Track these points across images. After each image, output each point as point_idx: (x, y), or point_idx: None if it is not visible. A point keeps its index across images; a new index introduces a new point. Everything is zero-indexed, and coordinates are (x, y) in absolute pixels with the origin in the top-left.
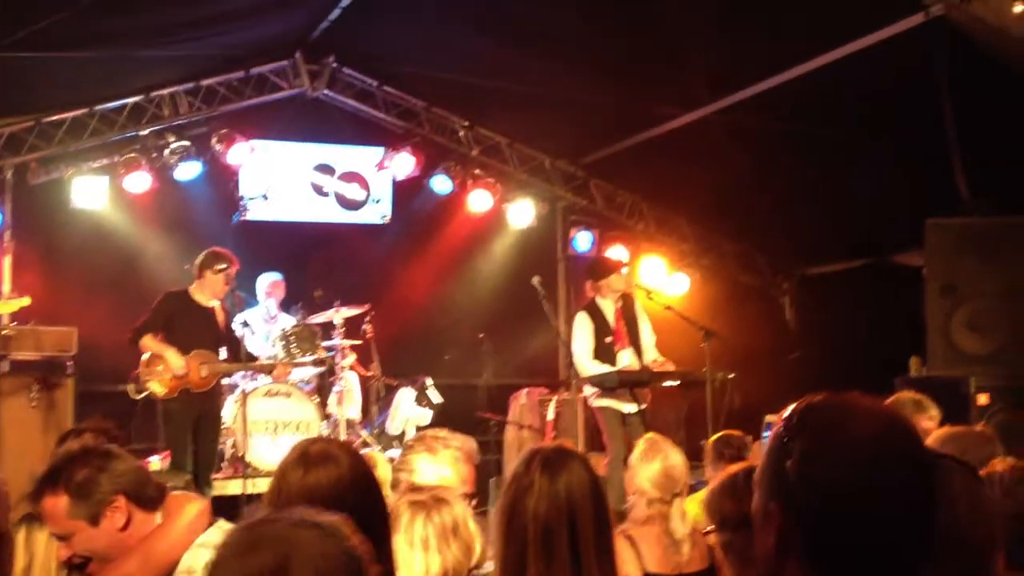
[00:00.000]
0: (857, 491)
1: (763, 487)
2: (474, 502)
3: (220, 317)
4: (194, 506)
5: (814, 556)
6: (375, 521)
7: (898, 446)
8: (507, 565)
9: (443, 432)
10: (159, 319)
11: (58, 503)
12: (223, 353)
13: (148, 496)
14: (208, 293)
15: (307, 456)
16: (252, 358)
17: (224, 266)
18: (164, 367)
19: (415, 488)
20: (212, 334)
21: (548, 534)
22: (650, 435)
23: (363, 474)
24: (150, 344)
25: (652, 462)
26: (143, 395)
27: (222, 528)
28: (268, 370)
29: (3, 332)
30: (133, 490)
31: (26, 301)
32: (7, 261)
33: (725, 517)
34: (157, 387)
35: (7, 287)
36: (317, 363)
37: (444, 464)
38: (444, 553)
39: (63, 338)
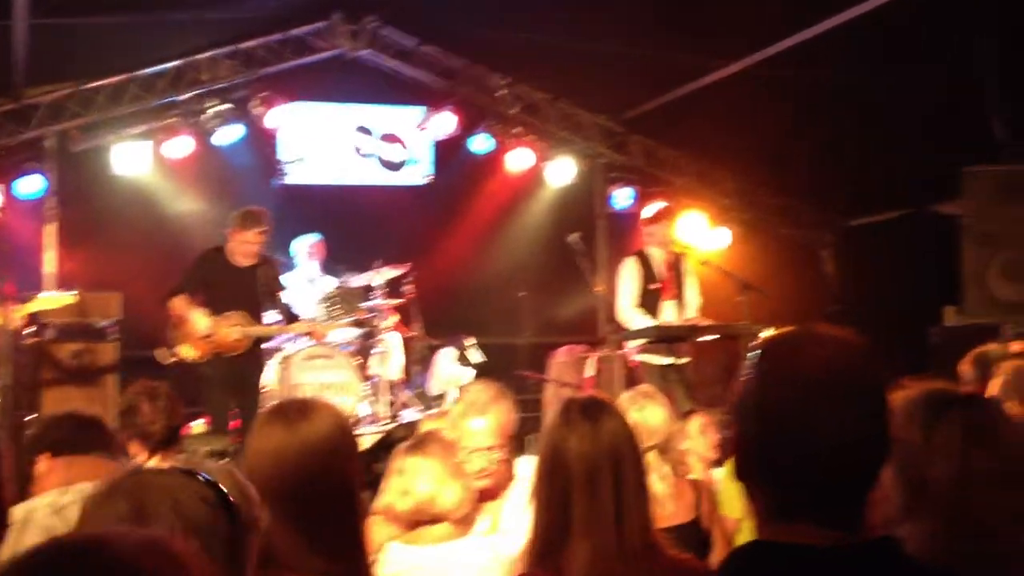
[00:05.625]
0: (800, 417)
1: (731, 413)
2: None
3: (262, 278)
4: (48, 465)
5: (765, 479)
6: (339, 486)
7: (848, 375)
8: (549, 506)
9: (468, 390)
10: (192, 280)
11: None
12: (273, 315)
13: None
14: (238, 254)
15: (274, 414)
16: (294, 319)
17: (249, 225)
18: (191, 329)
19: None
20: (248, 295)
21: (592, 475)
22: (643, 387)
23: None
24: (177, 305)
25: (626, 414)
26: (174, 359)
27: (73, 490)
28: (304, 332)
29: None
30: (49, 443)
31: (71, 298)
32: (52, 229)
33: None
34: (188, 351)
35: (52, 253)
36: (357, 324)
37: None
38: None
39: (106, 304)
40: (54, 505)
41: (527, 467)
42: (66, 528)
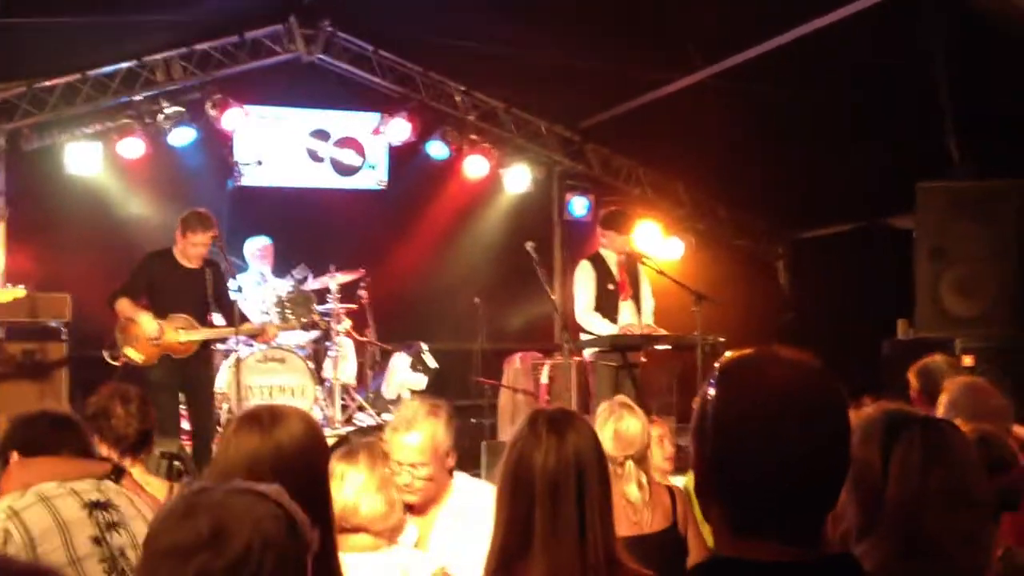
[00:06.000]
0: (760, 437)
1: (692, 431)
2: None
3: (211, 280)
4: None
5: (726, 498)
6: (313, 490)
7: (807, 395)
8: (512, 523)
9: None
10: (139, 282)
11: None
12: (218, 318)
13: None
14: (186, 256)
15: (247, 420)
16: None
17: (194, 228)
18: (139, 332)
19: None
20: (196, 297)
21: (555, 490)
22: (620, 397)
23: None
24: (124, 308)
25: (606, 424)
26: (122, 361)
27: (30, 492)
28: (254, 334)
29: None
30: (20, 442)
31: (21, 292)
32: (1, 228)
33: None
34: (134, 353)
35: (2, 254)
36: (306, 327)
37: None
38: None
39: (57, 305)
40: (11, 508)
41: (464, 482)
42: (23, 530)
